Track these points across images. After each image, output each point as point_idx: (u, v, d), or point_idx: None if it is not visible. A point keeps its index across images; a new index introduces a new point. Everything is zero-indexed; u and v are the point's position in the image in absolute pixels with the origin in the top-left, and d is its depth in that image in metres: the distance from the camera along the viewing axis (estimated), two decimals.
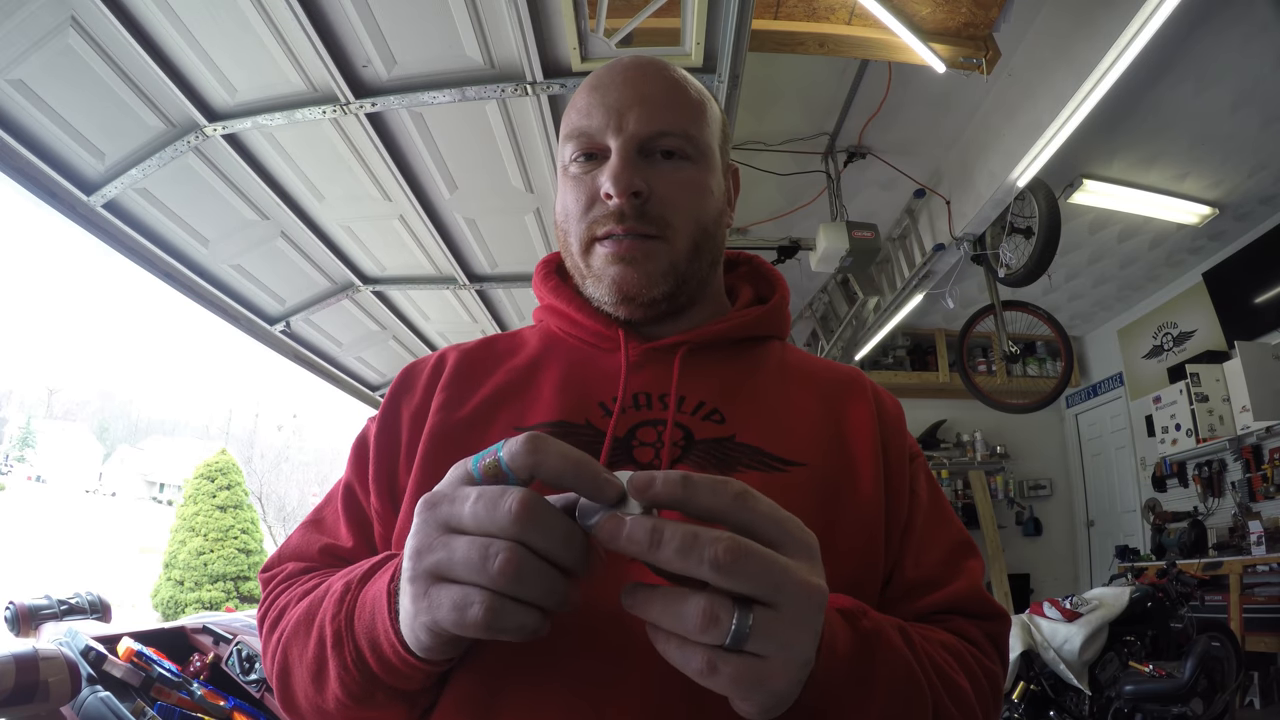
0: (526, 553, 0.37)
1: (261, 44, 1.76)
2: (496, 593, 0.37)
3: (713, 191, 0.67)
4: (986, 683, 0.56)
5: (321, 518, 0.66)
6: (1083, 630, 2.91)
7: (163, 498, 37.23)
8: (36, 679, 1.58)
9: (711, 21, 1.69)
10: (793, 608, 0.37)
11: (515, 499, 0.37)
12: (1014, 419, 5.06)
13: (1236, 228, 4.40)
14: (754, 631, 0.35)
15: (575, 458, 0.39)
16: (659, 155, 0.63)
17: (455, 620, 0.38)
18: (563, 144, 0.67)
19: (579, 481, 0.39)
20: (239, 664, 2.20)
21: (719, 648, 0.36)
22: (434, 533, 0.40)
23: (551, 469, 0.38)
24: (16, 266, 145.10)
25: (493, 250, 2.78)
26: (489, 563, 0.37)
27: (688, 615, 0.35)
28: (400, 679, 0.47)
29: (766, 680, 0.37)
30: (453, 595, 0.38)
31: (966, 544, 0.64)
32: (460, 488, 0.41)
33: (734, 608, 0.35)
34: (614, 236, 0.62)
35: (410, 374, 0.69)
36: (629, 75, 0.65)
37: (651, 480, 0.37)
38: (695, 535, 0.35)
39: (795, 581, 0.37)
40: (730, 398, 0.63)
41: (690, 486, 0.37)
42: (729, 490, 0.38)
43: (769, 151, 3.57)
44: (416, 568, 0.40)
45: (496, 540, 0.37)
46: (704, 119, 0.67)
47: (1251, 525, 3.93)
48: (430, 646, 0.42)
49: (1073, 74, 2.61)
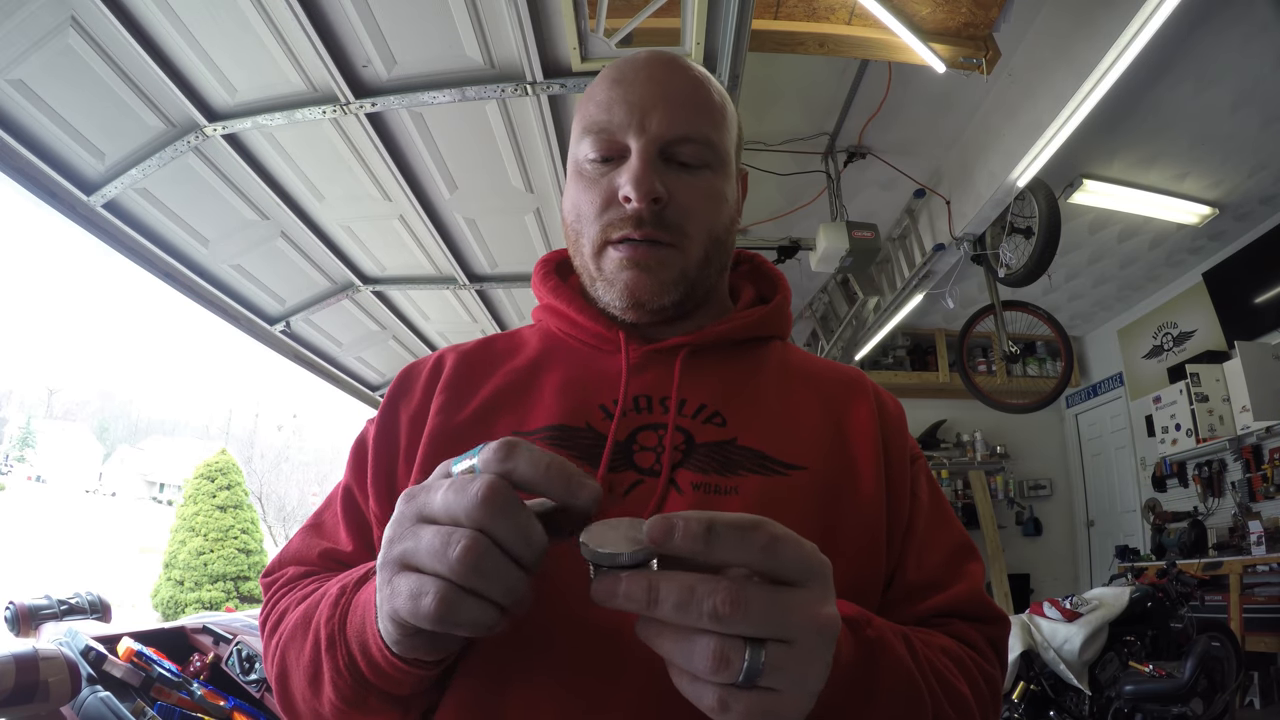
0: (487, 543, 0.37)
1: (261, 44, 1.76)
2: (453, 584, 0.37)
3: (727, 199, 0.66)
4: (986, 687, 0.56)
5: (321, 522, 0.66)
6: (1083, 630, 2.91)
7: (163, 498, 37.22)
8: (36, 679, 1.58)
9: (711, 21, 1.68)
10: (804, 642, 0.36)
11: (483, 484, 0.37)
12: (1014, 419, 5.05)
13: (1236, 228, 4.40)
14: (766, 668, 0.35)
15: (548, 461, 0.39)
16: (678, 160, 0.62)
17: (411, 610, 0.38)
18: (578, 137, 0.65)
19: (552, 485, 0.39)
20: (239, 664, 2.20)
21: (731, 685, 0.35)
22: (407, 522, 0.40)
23: (524, 474, 0.39)
24: (16, 266, 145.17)
25: (493, 250, 2.78)
26: (449, 550, 0.37)
27: (698, 656, 0.35)
28: (389, 682, 0.46)
29: (778, 713, 0.36)
30: (410, 584, 0.38)
31: (967, 546, 0.64)
32: (437, 480, 0.41)
33: (745, 647, 0.35)
34: (629, 241, 0.61)
35: (408, 376, 0.69)
36: (653, 72, 0.63)
37: (671, 529, 0.35)
38: (692, 589, 0.34)
39: (806, 615, 0.36)
40: (731, 400, 0.62)
41: (715, 539, 0.35)
42: (756, 542, 0.36)
43: (769, 151, 3.57)
44: (386, 556, 0.41)
45: (459, 529, 0.37)
46: (725, 123, 0.66)
47: (1251, 525, 3.93)
48: (399, 640, 0.42)
49: (1073, 74, 2.61)
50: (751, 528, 0.36)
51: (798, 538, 0.37)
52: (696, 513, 0.36)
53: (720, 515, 0.36)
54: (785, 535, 0.37)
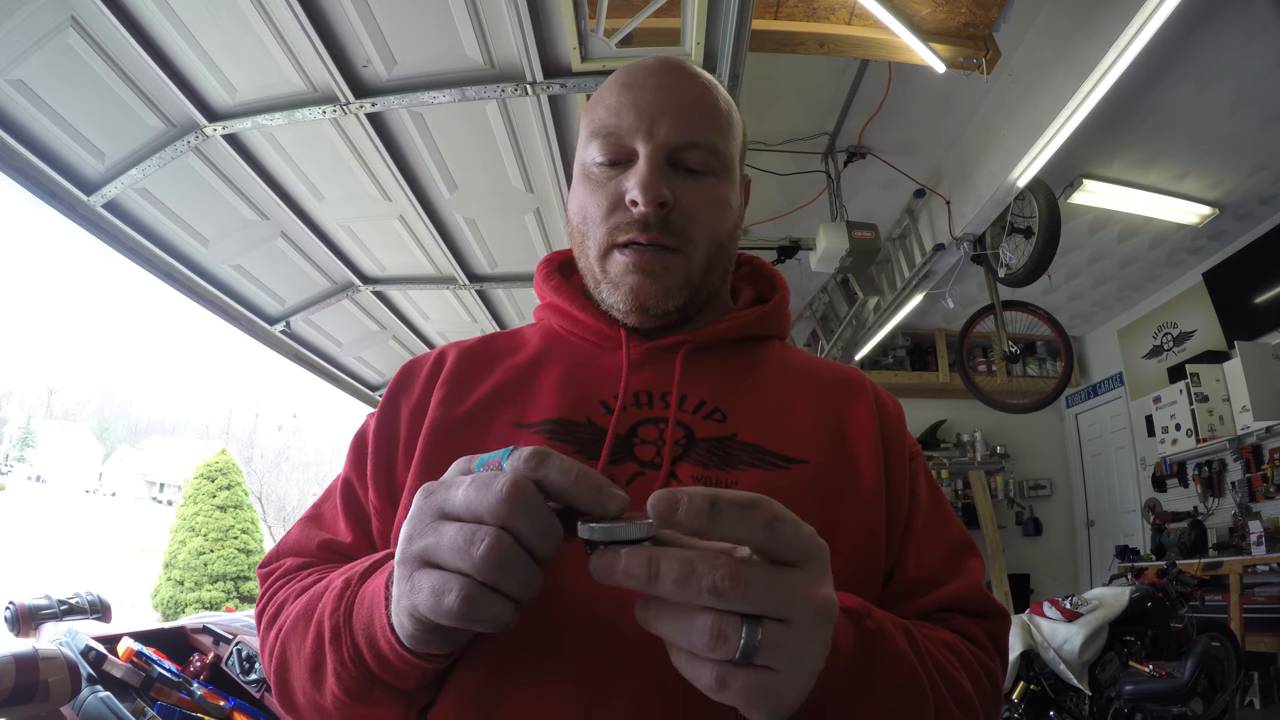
0: (511, 540, 0.37)
1: (261, 44, 1.76)
2: (476, 580, 0.37)
3: (731, 205, 0.67)
4: (987, 681, 0.56)
5: (320, 513, 0.66)
6: (1083, 630, 2.91)
7: (163, 498, 37.22)
8: (36, 679, 1.58)
9: (711, 21, 1.69)
10: (801, 621, 0.37)
11: (508, 481, 0.38)
12: (1014, 419, 5.06)
13: (1236, 228, 4.40)
14: (763, 646, 0.35)
15: (578, 471, 0.39)
16: (685, 166, 0.63)
17: (432, 607, 0.38)
18: (586, 140, 0.66)
19: (581, 495, 0.39)
20: (239, 664, 2.20)
21: (729, 662, 0.36)
22: (427, 518, 0.40)
23: (554, 482, 0.39)
24: (16, 266, 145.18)
25: (493, 250, 2.78)
26: (474, 547, 0.37)
27: (696, 633, 0.35)
28: (397, 676, 0.47)
29: (776, 692, 0.37)
30: (432, 581, 0.39)
31: (966, 543, 0.64)
32: (458, 476, 0.41)
33: (742, 624, 0.35)
34: (635, 245, 0.62)
35: (410, 371, 0.69)
36: (662, 79, 0.64)
37: (675, 503, 0.35)
38: (692, 565, 0.35)
39: (803, 596, 0.37)
40: (731, 396, 0.63)
41: (718, 515, 0.36)
42: (757, 520, 0.36)
43: (769, 151, 3.57)
44: (406, 552, 0.41)
45: (483, 526, 0.37)
46: (731, 130, 0.66)
47: (1251, 525, 3.93)
48: (415, 635, 0.42)
49: (1073, 74, 2.61)
50: (752, 505, 0.36)
51: (797, 519, 0.38)
52: (699, 489, 0.36)
53: (723, 492, 0.36)
54: (785, 515, 0.37)
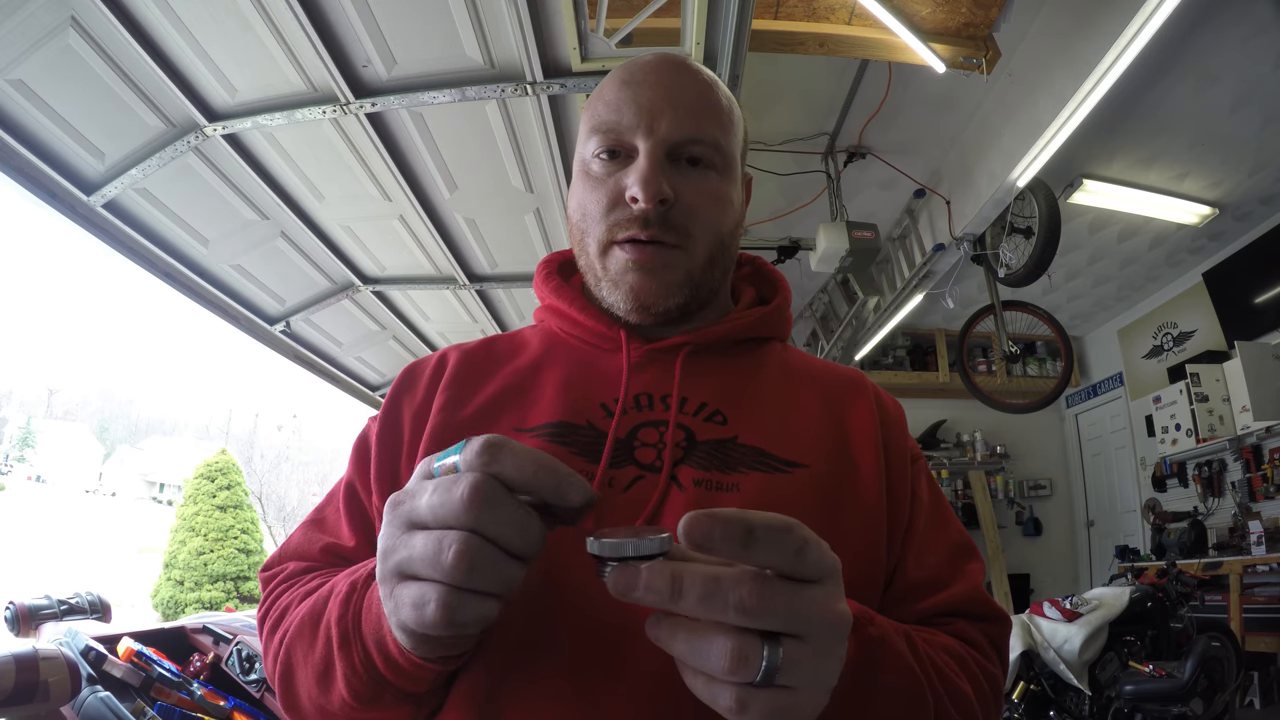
0: (479, 542, 0.37)
1: (261, 44, 1.76)
2: (452, 587, 0.37)
3: (733, 202, 0.66)
4: (987, 685, 0.56)
5: (323, 517, 0.66)
6: (1083, 630, 2.91)
7: (163, 498, 37.21)
8: (36, 679, 1.58)
9: (711, 21, 1.68)
10: (820, 638, 0.36)
11: (467, 484, 0.37)
12: (1014, 419, 5.05)
13: (1236, 228, 4.41)
14: (784, 665, 0.35)
15: (535, 459, 0.38)
16: (685, 162, 0.62)
17: (416, 619, 0.38)
18: (586, 136, 0.65)
19: (540, 484, 0.38)
20: (239, 664, 2.20)
21: (748, 684, 0.35)
22: (398, 531, 0.40)
23: (510, 476, 0.38)
24: (16, 266, 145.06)
25: (493, 250, 2.78)
26: (443, 555, 0.37)
27: (715, 656, 0.34)
28: (408, 680, 0.47)
29: (796, 710, 0.36)
30: (411, 594, 0.38)
31: (967, 546, 0.64)
32: (421, 483, 0.41)
33: (762, 644, 0.34)
34: (635, 242, 0.61)
35: (412, 373, 0.69)
36: (663, 75, 0.63)
37: (710, 530, 0.34)
38: (717, 580, 0.34)
39: (823, 612, 0.36)
40: (732, 399, 0.62)
41: (753, 541, 0.34)
42: (789, 546, 0.35)
43: (769, 151, 3.57)
44: (384, 569, 0.41)
45: (450, 532, 0.37)
46: (732, 127, 0.66)
47: (1251, 525, 3.93)
48: (415, 645, 0.42)
49: (1073, 74, 2.61)
50: (785, 530, 0.35)
51: (819, 539, 0.37)
52: (729, 511, 0.35)
53: (754, 516, 0.35)
54: (813, 539, 0.37)
